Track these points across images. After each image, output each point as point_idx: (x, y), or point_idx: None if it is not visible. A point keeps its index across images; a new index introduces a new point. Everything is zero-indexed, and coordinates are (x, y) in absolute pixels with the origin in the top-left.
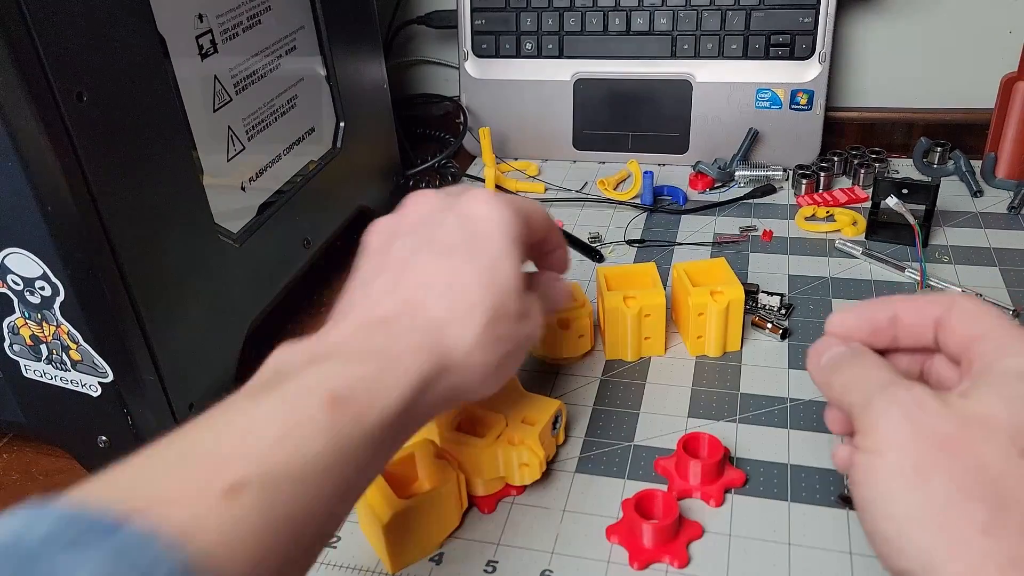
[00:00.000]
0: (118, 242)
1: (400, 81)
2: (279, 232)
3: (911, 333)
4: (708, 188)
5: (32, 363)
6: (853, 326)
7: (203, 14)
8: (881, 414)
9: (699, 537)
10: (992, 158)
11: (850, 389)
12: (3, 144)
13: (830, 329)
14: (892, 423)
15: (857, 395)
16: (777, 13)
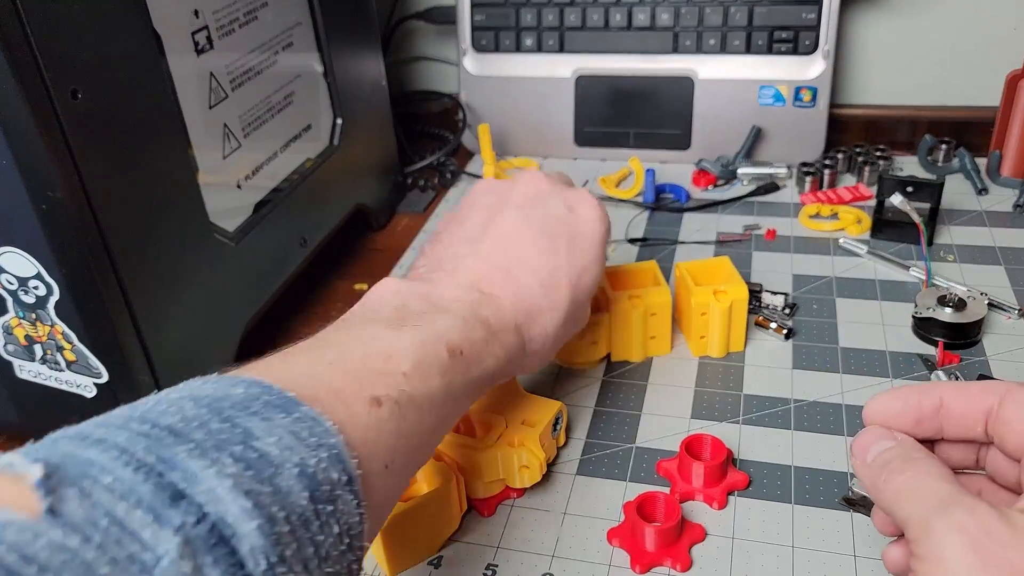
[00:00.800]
0: (113, 241)
1: (398, 78)
2: (275, 230)
3: (959, 424)
4: (711, 186)
5: (26, 363)
6: (895, 413)
7: (199, 10)
8: (943, 541)
9: (701, 540)
10: (997, 156)
11: (904, 501)
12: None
13: (869, 416)
14: (956, 552)
15: (913, 510)
16: (780, 8)
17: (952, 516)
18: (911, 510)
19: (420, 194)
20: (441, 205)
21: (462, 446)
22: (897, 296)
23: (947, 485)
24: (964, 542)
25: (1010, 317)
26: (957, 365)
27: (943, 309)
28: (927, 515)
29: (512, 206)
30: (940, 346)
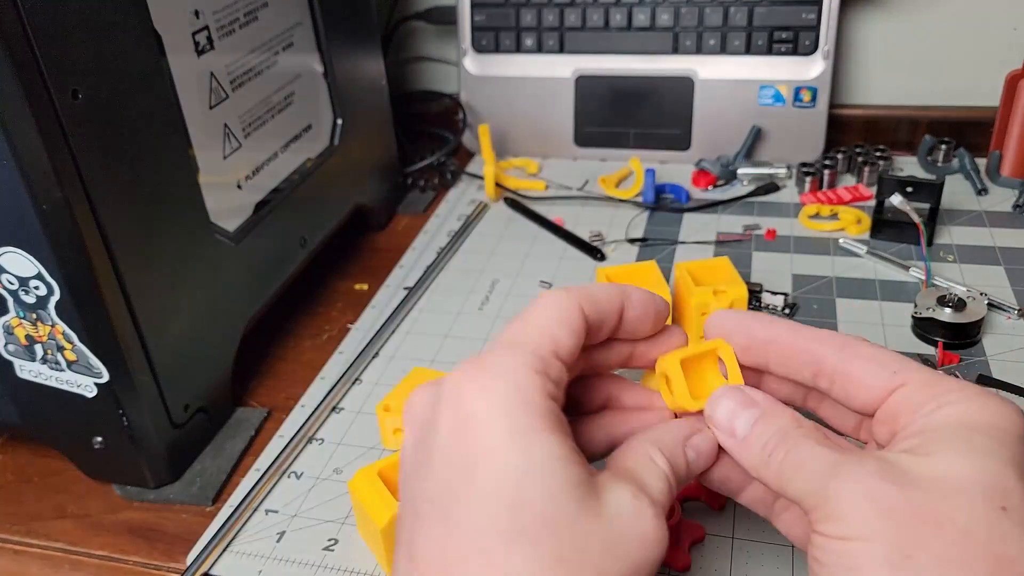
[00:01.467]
0: (113, 241)
1: (399, 78)
2: (276, 231)
3: (786, 366)
4: (711, 186)
5: (27, 363)
6: (728, 332)
7: (199, 10)
8: (845, 501)
9: (701, 540)
10: (997, 156)
11: (793, 477)
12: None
13: (707, 329)
14: (860, 509)
15: (804, 483)
16: (780, 9)
17: (846, 473)
18: (803, 483)
19: (420, 194)
20: (441, 206)
21: None
22: (897, 296)
23: (827, 450)
24: (864, 494)
25: (1010, 317)
26: (957, 365)
27: (943, 309)
28: (821, 484)
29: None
30: (940, 346)
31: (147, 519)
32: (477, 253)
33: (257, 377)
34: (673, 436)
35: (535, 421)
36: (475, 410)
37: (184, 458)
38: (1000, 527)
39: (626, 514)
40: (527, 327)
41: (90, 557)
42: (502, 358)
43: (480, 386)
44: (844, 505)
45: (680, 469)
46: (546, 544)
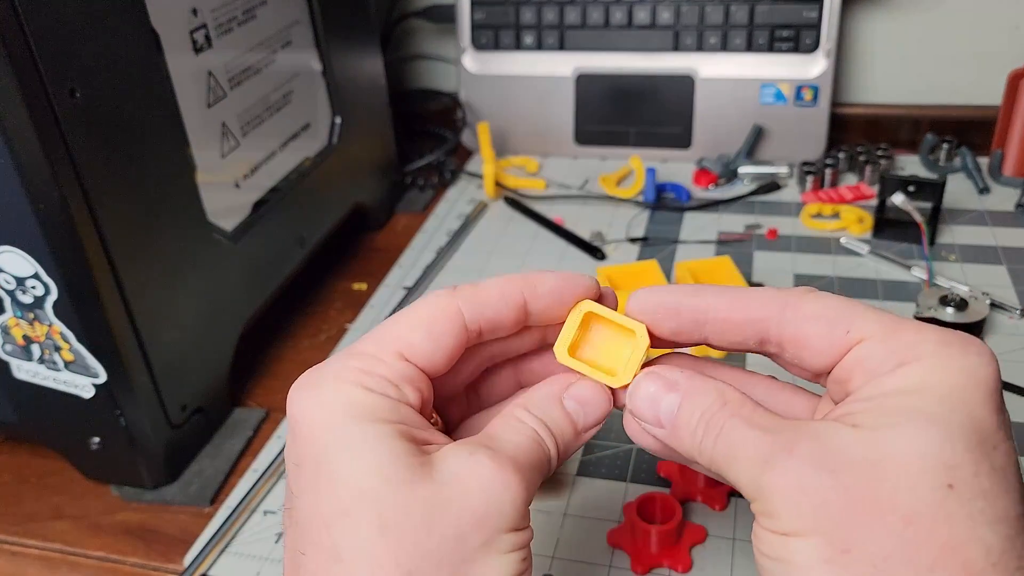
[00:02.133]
0: (111, 240)
1: (398, 76)
2: (274, 230)
3: (729, 339)
4: (712, 185)
5: (24, 363)
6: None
7: (197, 8)
8: (778, 496)
9: (702, 541)
10: (999, 155)
11: (726, 466)
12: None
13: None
14: (794, 502)
15: (738, 473)
16: (781, 7)
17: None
18: (737, 475)
19: (419, 193)
20: (441, 205)
21: None
22: (899, 296)
23: (757, 434)
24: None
25: (1012, 317)
26: None
27: (945, 309)
28: (754, 475)
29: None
30: None
31: (145, 520)
32: (476, 253)
33: (255, 377)
34: (544, 392)
35: (352, 411)
36: (298, 413)
37: (182, 459)
38: (945, 508)
39: (461, 471)
40: (380, 329)
41: (87, 558)
42: (331, 362)
43: (304, 390)
44: (777, 500)
45: (560, 423)
46: (366, 518)
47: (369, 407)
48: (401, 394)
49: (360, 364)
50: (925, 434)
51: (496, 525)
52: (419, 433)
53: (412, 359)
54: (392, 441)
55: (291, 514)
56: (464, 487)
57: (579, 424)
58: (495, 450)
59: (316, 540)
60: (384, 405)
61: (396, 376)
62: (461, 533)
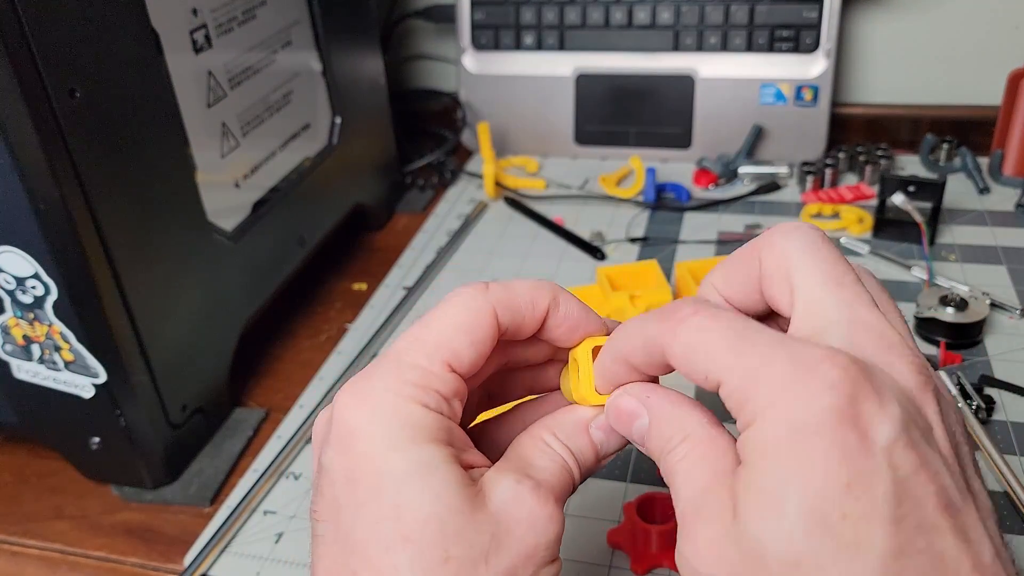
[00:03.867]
0: (111, 240)
1: (398, 76)
2: (274, 230)
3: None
4: (712, 185)
5: (24, 363)
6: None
7: (197, 8)
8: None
9: None
10: (999, 155)
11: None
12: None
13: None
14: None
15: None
16: (781, 7)
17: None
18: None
19: (419, 193)
20: (441, 205)
21: None
22: (899, 296)
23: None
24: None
25: (1012, 317)
26: (959, 365)
27: (945, 309)
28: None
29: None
30: (942, 346)
31: (145, 520)
32: (476, 252)
33: (255, 377)
34: (574, 419)
35: (412, 432)
36: (354, 426)
37: (182, 459)
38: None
39: (509, 501)
40: (424, 333)
41: (87, 558)
42: (385, 373)
43: (360, 401)
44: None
45: (584, 451)
46: (430, 545)
47: (428, 428)
48: (452, 411)
49: (415, 378)
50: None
51: (542, 558)
52: (466, 456)
53: (458, 369)
54: (450, 467)
55: (336, 528)
56: (515, 519)
57: (601, 452)
58: (536, 480)
59: (374, 562)
60: (440, 426)
61: (449, 391)
62: (513, 566)
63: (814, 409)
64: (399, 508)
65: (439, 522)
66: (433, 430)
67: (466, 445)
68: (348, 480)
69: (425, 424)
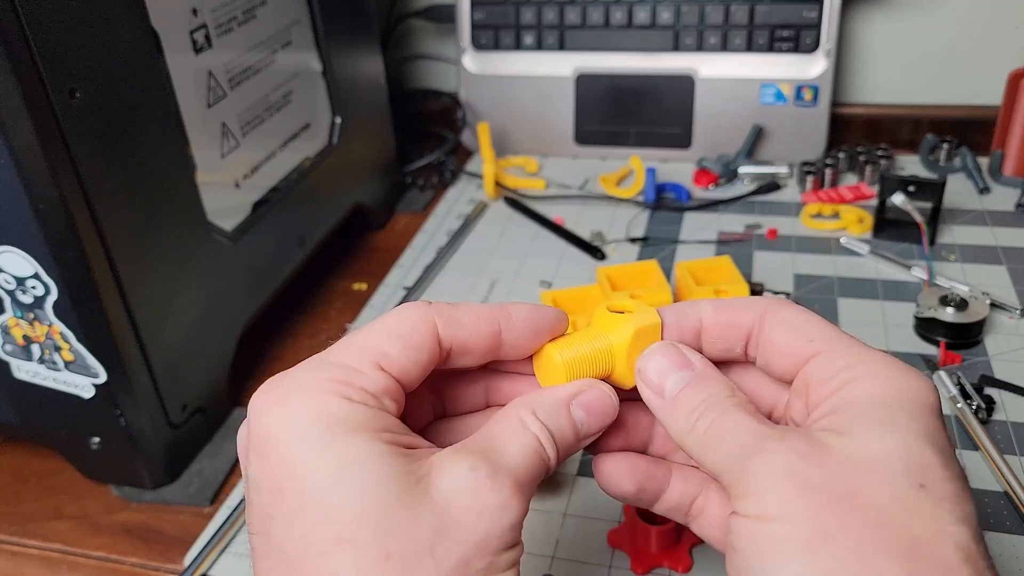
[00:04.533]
0: (111, 240)
1: (398, 76)
2: (274, 230)
3: (718, 345)
4: (712, 185)
5: (24, 363)
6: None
7: (197, 8)
8: (765, 478)
9: (702, 541)
10: (999, 155)
11: (715, 447)
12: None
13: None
14: (779, 488)
15: (726, 455)
16: (781, 6)
17: (769, 451)
18: (723, 457)
19: (419, 193)
20: (440, 205)
21: None
22: (899, 296)
23: (754, 422)
24: (784, 474)
25: (1012, 317)
26: (959, 365)
27: (945, 309)
28: (742, 458)
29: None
30: (942, 346)
31: (145, 520)
32: (476, 253)
33: (255, 377)
34: (554, 396)
35: (335, 427)
36: (272, 430)
37: (182, 459)
38: (918, 507)
39: (461, 490)
40: (353, 338)
41: (88, 558)
42: (300, 372)
43: (274, 403)
44: (763, 482)
45: (565, 431)
46: (368, 544)
47: (352, 418)
48: (381, 404)
49: (335, 374)
50: (899, 438)
51: (497, 547)
52: (405, 438)
53: (389, 370)
54: (383, 455)
55: (268, 540)
56: (465, 508)
57: (582, 432)
58: (495, 464)
59: (311, 570)
60: (367, 415)
61: (375, 387)
62: (465, 559)
63: (928, 389)
64: (329, 510)
65: (374, 518)
66: (359, 421)
67: (406, 431)
68: (273, 489)
69: (348, 416)
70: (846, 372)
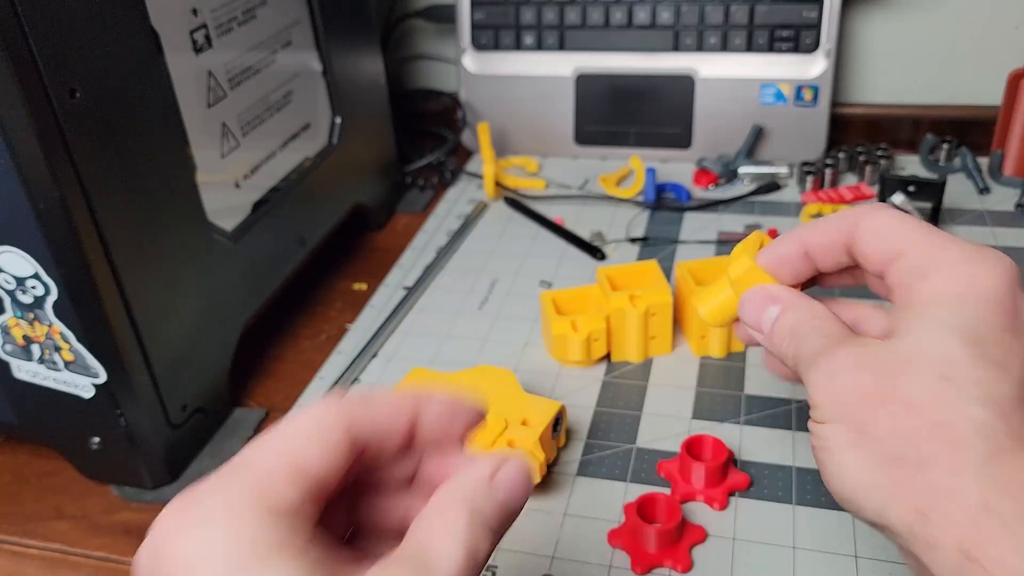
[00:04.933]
0: (111, 240)
1: (398, 76)
2: (274, 230)
3: (829, 259)
4: (712, 185)
5: (24, 363)
6: (777, 266)
7: (197, 8)
8: (818, 389)
9: (702, 541)
10: (999, 155)
11: (798, 365)
12: None
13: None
14: (828, 394)
15: (804, 372)
16: (781, 7)
17: (818, 367)
18: (803, 373)
19: (419, 193)
20: (441, 205)
21: None
22: None
23: (821, 340)
24: (827, 382)
25: None
26: None
27: None
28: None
29: None
30: None
31: (145, 520)
32: (476, 253)
33: (255, 377)
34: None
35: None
36: (183, 557)
37: (182, 458)
38: (941, 395)
39: None
40: (268, 442)
41: (88, 558)
42: (214, 488)
43: (186, 524)
44: (817, 393)
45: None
46: None
47: (272, 538)
48: (302, 513)
49: (252, 486)
50: (932, 335)
51: None
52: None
53: (307, 474)
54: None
55: None
56: None
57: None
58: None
59: None
60: (288, 531)
61: (293, 496)
62: None
63: (991, 276)
64: None
65: None
66: (280, 540)
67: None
68: None
69: (268, 536)
70: (917, 272)
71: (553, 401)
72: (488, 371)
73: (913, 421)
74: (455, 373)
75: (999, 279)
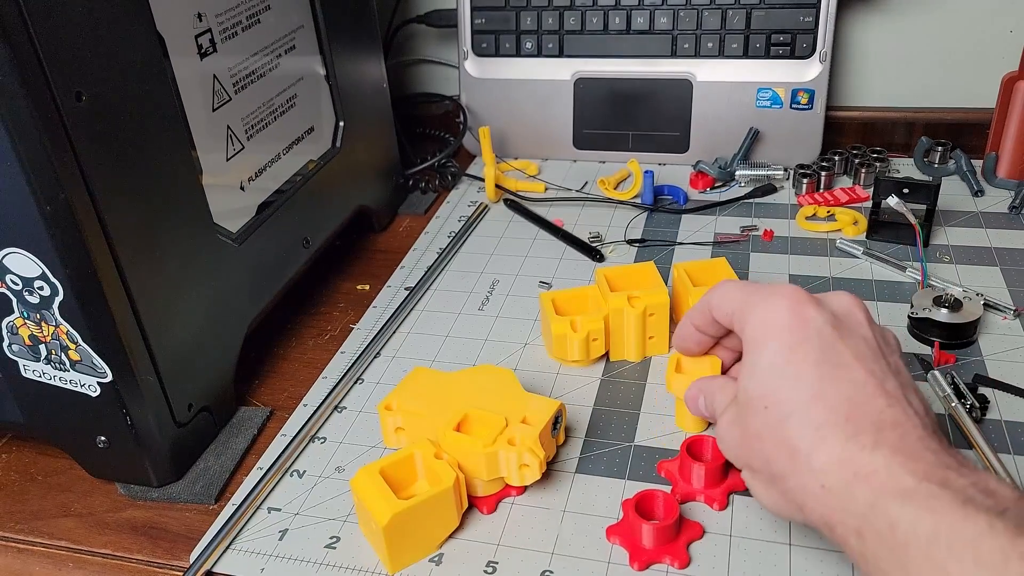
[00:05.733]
0: (117, 242)
1: (400, 80)
2: (278, 232)
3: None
4: (709, 188)
5: (31, 363)
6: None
7: (202, 13)
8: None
9: (700, 537)
10: (993, 158)
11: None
12: (2, 144)
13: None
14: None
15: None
16: (778, 12)
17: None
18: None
19: (421, 196)
20: (442, 207)
21: (463, 445)
22: (893, 297)
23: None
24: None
25: (1006, 317)
26: (953, 365)
27: (939, 309)
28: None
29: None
30: (936, 346)
31: (150, 517)
32: (477, 254)
33: (260, 376)
34: None
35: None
36: None
37: (187, 457)
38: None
39: None
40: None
41: (93, 555)
42: None
43: None
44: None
45: None
46: None
47: None
48: None
49: None
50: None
51: None
52: None
53: None
54: None
55: None
56: None
57: None
58: None
59: None
60: None
61: None
62: None
63: (777, 309)
64: None
65: None
66: None
67: None
68: None
69: None
70: (739, 325)
71: (552, 400)
72: (488, 370)
73: (765, 448)
74: (456, 372)
75: (781, 311)
